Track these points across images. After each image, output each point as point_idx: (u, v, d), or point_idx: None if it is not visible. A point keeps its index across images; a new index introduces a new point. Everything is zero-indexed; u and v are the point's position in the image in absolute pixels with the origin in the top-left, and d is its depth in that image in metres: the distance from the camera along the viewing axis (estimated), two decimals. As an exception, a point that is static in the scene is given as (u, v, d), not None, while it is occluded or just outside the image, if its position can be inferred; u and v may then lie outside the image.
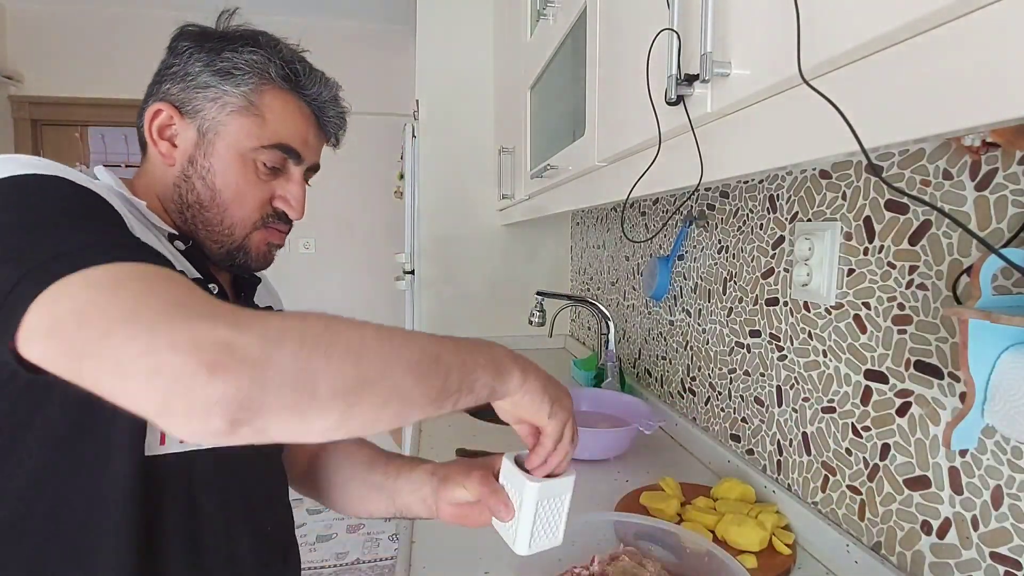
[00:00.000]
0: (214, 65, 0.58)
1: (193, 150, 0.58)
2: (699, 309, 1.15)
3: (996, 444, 0.55)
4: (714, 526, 0.80)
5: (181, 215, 0.60)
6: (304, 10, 2.86)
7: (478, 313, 2.19)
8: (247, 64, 0.58)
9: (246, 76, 0.58)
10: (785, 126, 0.42)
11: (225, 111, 0.58)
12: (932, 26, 0.29)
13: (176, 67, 0.59)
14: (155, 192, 0.60)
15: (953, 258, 0.59)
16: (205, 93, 0.58)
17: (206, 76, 0.58)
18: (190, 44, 0.59)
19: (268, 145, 0.59)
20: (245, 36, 0.60)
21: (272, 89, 0.59)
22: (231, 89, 0.58)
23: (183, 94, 0.58)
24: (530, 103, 1.39)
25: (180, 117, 0.58)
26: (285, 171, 0.62)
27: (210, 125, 0.58)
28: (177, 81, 0.58)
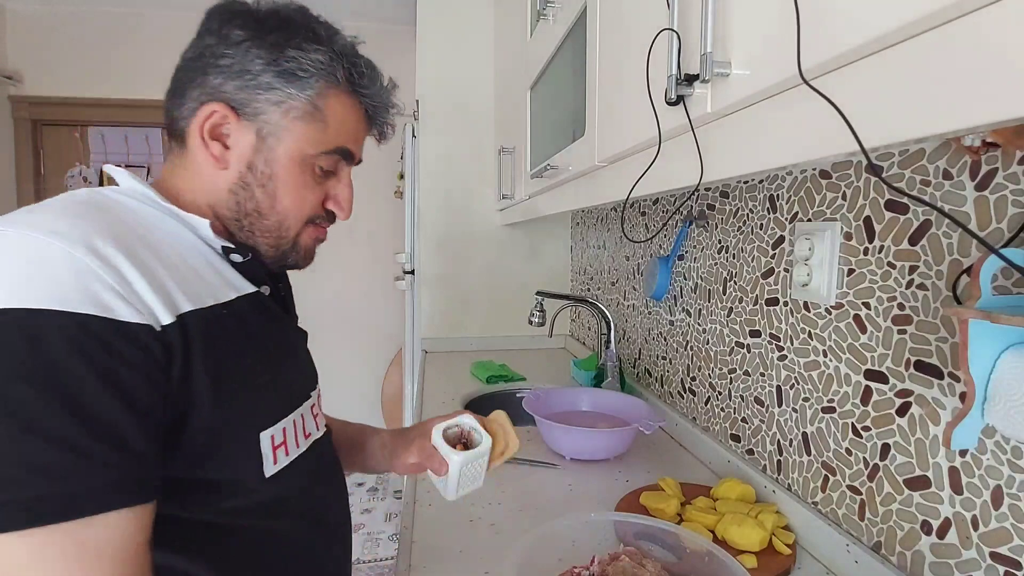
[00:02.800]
0: (278, 64, 0.52)
1: (252, 155, 0.54)
2: (699, 309, 1.15)
3: (996, 444, 0.55)
4: (714, 526, 0.80)
5: (237, 222, 0.57)
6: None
7: (478, 313, 2.19)
8: (313, 65, 0.53)
9: (312, 79, 0.54)
10: (785, 126, 0.42)
11: (289, 116, 0.54)
12: (932, 26, 0.29)
13: (230, 60, 0.52)
14: (205, 200, 0.56)
15: (953, 258, 0.59)
16: (268, 96, 0.53)
17: (269, 76, 0.52)
18: (246, 35, 0.52)
19: (329, 150, 0.57)
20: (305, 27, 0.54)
21: (336, 92, 0.56)
22: (297, 93, 0.53)
23: (240, 94, 0.53)
24: (530, 103, 1.39)
25: (236, 119, 0.54)
26: (337, 172, 0.60)
27: (271, 130, 0.54)
28: (232, 77, 0.53)
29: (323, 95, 0.55)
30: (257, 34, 0.52)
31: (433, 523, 0.87)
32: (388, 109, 0.62)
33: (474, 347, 2.18)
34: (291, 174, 0.55)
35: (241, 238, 0.58)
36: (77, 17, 2.80)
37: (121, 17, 2.82)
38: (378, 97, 0.60)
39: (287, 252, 0.60)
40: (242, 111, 0.53)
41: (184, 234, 0.52)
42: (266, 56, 0.52)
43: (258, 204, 0.56)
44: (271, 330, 0.58)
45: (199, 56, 0.54)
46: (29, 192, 2.84)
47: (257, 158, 0.55)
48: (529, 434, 1.24)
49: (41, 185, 2.90)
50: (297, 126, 0.54)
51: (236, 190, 0.55)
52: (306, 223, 0.59)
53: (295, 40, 0.53)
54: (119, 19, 2.82)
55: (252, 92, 0.53)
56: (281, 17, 0.54)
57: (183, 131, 0.56)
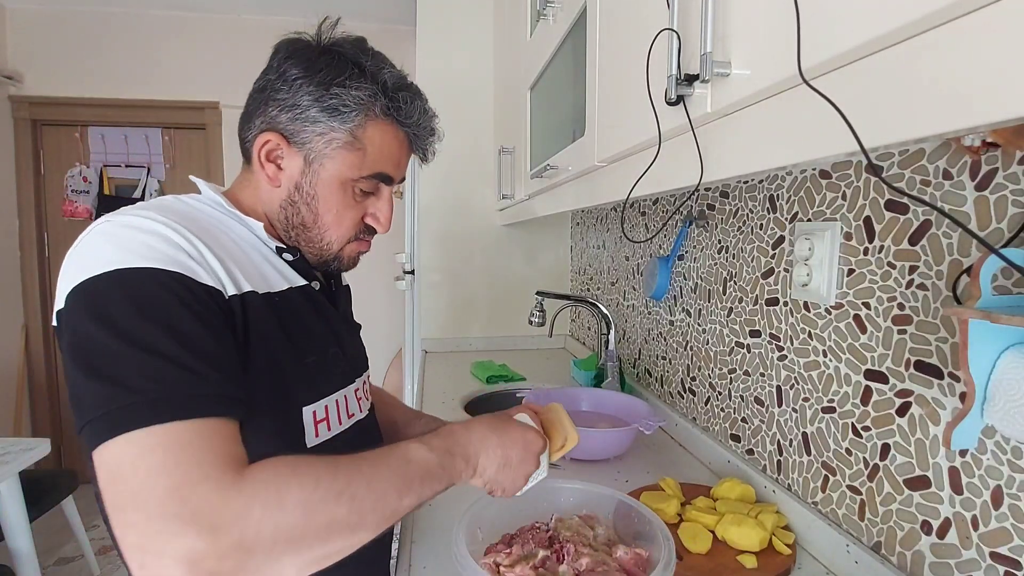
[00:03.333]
0: (323, 101, 0.60)
1: (299, 177, 0.63)
2: (699, 309, 1.15)
3: (996, 444, 0.55)
4: (714, 526, 0.80)
5: (287, 233, 0.66)
6: (304, 10, 2.86)
7: (478, 313, 2.19)
8: (354, 101, 0.61)
9: (352, 113, 0.61)
10: (785, 126, 0.42)
11: (331, 146, 0.62)
12: (932, 26, 0.29)
13: (284, 95, 0.61)
14: (262, 209, 0.66)
15: (953, 258, 0.59)
16: (313, 128, 0.61)
17: (315, 111, 0.60)
18: (299, 73, 0.61)
19: (368, 175, 0.64)
20: (352, 63, 0.62)
21: (375, 123, 0.63)
22: (338, 126, 0.61)
23: (292, 125, 0.61)
24: (530, 103, 1.39)
25: (288, 146, 0.62)
26: (377, 192, 0.68)
27: (316, 156, 0.62)
28: (285, 110, 0.61)
29: (362, 126, 0.62)
30: (308, 73, 0.61)
31: (433, 523, 0.87)
32: (429, 136, 0.68)
33: (474, 347, 2.18)
34: (332, 195, 0.64)
35: (290, 244, 0.67)
36: (77, 17, 2.80)
37: (121, 17, 2.82)
38: (417, 126, 0.66)
39: (329, 261, 0.68)
40: (292, 139, 0.62)
41: (246, 234, 0.63)
42: (314, 93, 0.60)
43: (303, 219, 0.65)
44: (318, 318, 0.67)
45: (263, 88, 0.63)
46: (29, 192, 2.85)
47: (304, 180, 0.63)
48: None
49: (41, 185, 2.90)
50: (338, 154, 0.62)
51: (286, 206, 0.65)
52: (350, 240, 0.68)
53: (340, 78, 0.60)
54: (119, 19, 2.82)
55: (301, 124, 0.61)
56: (333, 54, 0.62)
57: (248, 151, 0.66)
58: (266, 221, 0.66)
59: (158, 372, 0.45)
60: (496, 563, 0.66)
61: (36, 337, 2.90)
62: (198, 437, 0.44)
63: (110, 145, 2.94)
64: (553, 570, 0.66)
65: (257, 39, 2.90)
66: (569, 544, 0.68)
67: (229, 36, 2.89)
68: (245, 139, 0.65)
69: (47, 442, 1.83)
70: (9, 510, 1.70)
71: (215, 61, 2.88)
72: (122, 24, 2.83)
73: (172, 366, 0.45)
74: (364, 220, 0.68)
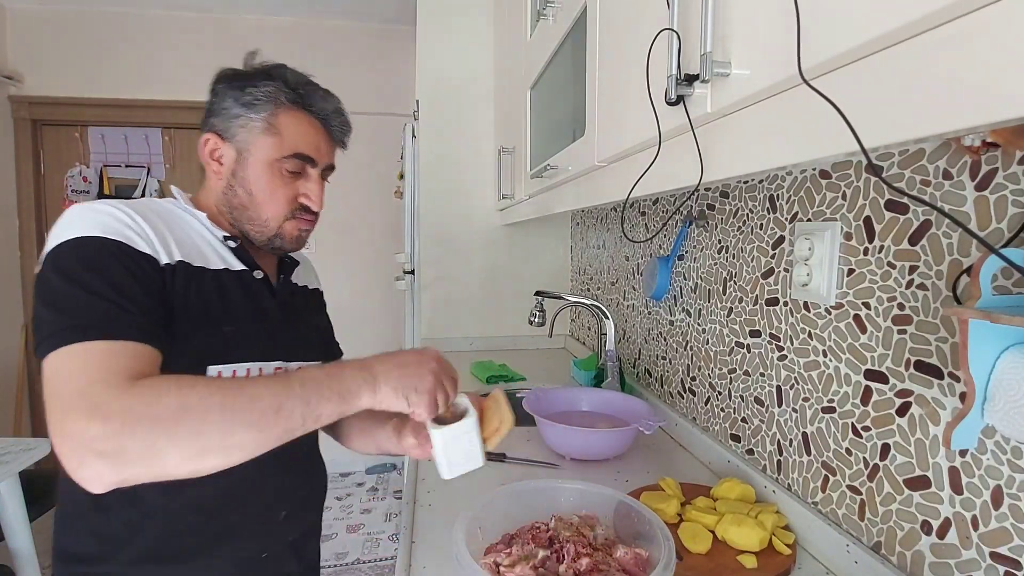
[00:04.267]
0: (240, 100, 0.74)
1: (235, 166, 0.76)
2: (699, 309, 1.15)
3: (996, 444, 0.55)
4: (714, 526, 0.80)
5: (231, 215, 0.77)
6: (304, 10, 2.86)
7: (478, 313, 2.19)
8: (263, 95, 0.74)
9: (263, 104, 0.74)
10: (785, 126, 0.42)
11: (253, 133, 0.74)
12: (932, 26, 0.29)
13: (215, 104, 0.76)
14: (212, 202, 0.78)
15: (953, 258, 0.59)
16: (237, 121, 0.74)
17: (236, 108, 0.74)
18: (224, 85, 0.76)
19: (288, 155, 0.75)
20: (262, 71, 0.76)
21: (285, 110, 0.75)
22: (254, 116, 0.74)
23: (222, 124, 0.75)
24: (530, 103, 1.39)
25: (223, 142, 0.76)
26: (305, 173, 0.78)
27: (243, 145, 0.75)
28: (217, 115, 0.75)
29: (275, 115, 0.74)
30: (230, 84, 0.75)
31: (433, 523, 0.87)
32: (335, 115, 0.79)
33: (474, 347, 2.18)
34: (262, 175, 0.75)
35: (235, 230, 0.78)
36: (77, 17, 2.80)
37: (121, 17, 2.82)
38: (320, 106, 0.77)
39: (272, 239, 0.78)
40: (224, 135, 0.76)
41: (199, 227, 0.76)
42: (234, 96, 0.74)
43: (241, 200, 0.76)
44: (247, 298, 0.76)
45: (206, 110, 0.78)
46: (29, 192, 2.85)
47: (238, 167, 0.76)
48: (529, 434, 1.24)
49: (41, 185, 2.90)
50: (260, 140, 0.74)
51: (227, 191, 0.77)
52: (287, 217, 0.77)
53: (252, 82, 0.74)
54: (119, 19, 2.82)
55: (228, 121, 0.75)
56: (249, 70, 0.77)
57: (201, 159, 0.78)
58: (213, 211, 0.77)
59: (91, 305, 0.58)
60: (496, 563, 0.66)
61: (36, 337, 2.90)
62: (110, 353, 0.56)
63: (110, 145, 2.94)
64: (553, 570, 0.66)
65: (257, 39, 2.90)
66: (569, 544, 0.68)
67: (229, 36, 2.89)
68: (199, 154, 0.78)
69: (47, 442, 1.83)
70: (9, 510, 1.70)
71: (215, 61, 2.85)
72: (122, 24, 2.83)
73: (103, 301, 0.59)
74: (298, 200, 0.77)
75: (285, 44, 2.92)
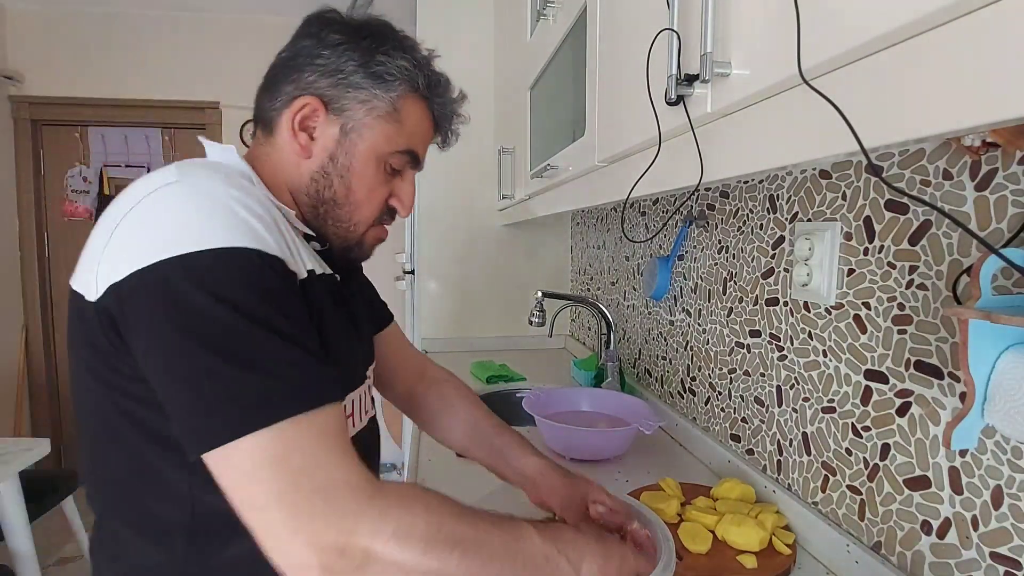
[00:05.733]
0: (368, 67, 0.58)
1: (335, 147, 0.59)
2: (699, 309, 1.15)
3: (996, 444, 0.55)
4: (714, 526, 0.80)
5: (313, 209, 0.61)
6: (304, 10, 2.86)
7: (478, 313, 2.19)
8: (399, 71, 0.59)
9: (396, 83, 0.59)
10: (785, 126, 0.42)
11: (372, 114, 0.59)
12: (931, 26, 0.29)
13: (325, 60, 0.58)
14: (284, 181, 0.60)
15: (953, 258, 0.59)
16: (356, 94, 0.58)
17: (359, 76, 0.58)
18: (342, 39, 0.58)
19: (400, 150, 0.62)
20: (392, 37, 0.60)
21: (413, 97, 0.61)
22: (382, 94, 0.59)
23: (332, 90, 0.58)
24: (530, 103, 1.39)
25: (325, 113, 0.58)
26: (403, 173, 0.65)
27: (355, 125, 0.59)
28: (326, 75, 0.58)
29: (403, 98, 0.60)
30: (352, 39, 0.58)
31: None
32: (454, 118, 0.68)
33: (474, 347, 2.18)
34: (367, 168, 0.60)
35: (315, 226, 0.62)
36: (77, 17, 2.80)
37: (121, 17, 2.82)
38: (448, 106, 0.65)
39: (352, 247, 0.65)
40: (331, 106, 0.58)
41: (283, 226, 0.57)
42: (358, 58, 0.58)
43: (335, 193, 0.60)
44: (345, 309, 0.65)
45: (295, 56, 0.59)
46: (29, 192, 2.85)
47: (339, 150, 0.59)
48: (529, 434, 1.24)
49: (41, 185, 2.90)
50: (377, 124, 0.59)
51: (317, 178, 0.60)
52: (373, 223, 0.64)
53: (385, 47, 0.58)
54: (119, 19, 2.82)
55: (342, 89, 0.58)
56: (372, 27, 0.60)
57: (272, 120, 0.60)
58: (289, 198, 0.61)
59: (295, 357, 0.44)
60: None
61: (36, 337, 2.90)
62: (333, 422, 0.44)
63: (110, 145, 2.94)
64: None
65: (257, 39, 2.90)
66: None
67: (229, 36, 2.89)
68: (270, 108, 0.60)
69: (47, 442, 1.83)
70: (9, 510, 1.70)
71: (215, 61, 2.88)
72: (122, 24, 2.83)
73: (302, 351, 0.45)
74: (388, 201, 0.65)
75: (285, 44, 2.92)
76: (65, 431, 3.02)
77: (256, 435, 0.41)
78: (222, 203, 0.47)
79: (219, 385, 0.41)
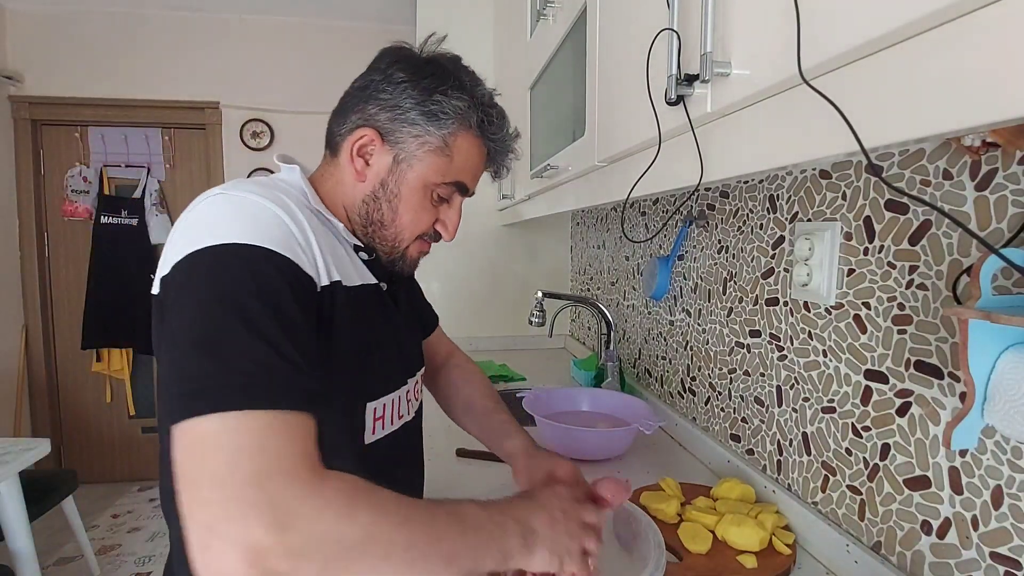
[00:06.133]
0: (424, 106, 0.63)
1: (386, 175, 0.65)
2: (699, 309, 1.15)
3: (996, 444, 0.55)
4: (714, 526, 0.80)
5: (363, 228, 0.67)
6: (304, 10, 2.86)
7: (478, 313, 2.19)
8: (453, 110, 0.64)
9: (449, 121, 0.64)
10: (785, 126, 0.42)
11: (423, 148, 0.64)
12: (932, 26, 0.29)
13: (387, 95, 0.64)
14: (341, 200, 0.67)
15: (953, 258, 0.59)
16: (410, 129, 0.64)
17: (415, 114, 0.63)
18: (405, 77, 0.63)
19: (448, 182, 0.67)
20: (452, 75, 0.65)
21: (466, 134, 0.66)
22: (434, 130, 0.64)
23: (390, 124, 0.64)
24: (530, 103, 1.39)
25: (381, 143, 0.64)
26: (450, 200, 0.70)
27: (406, 157, 0.64)
28: (386, 110, 0.64)
29: (454, 135, 0.65)
30: (414, 77, 0.63)
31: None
32: (507, 154, 0.73)
33: (474, 347, 2.18)
34: (414, 196, 0.66)
35: (363, 242, 0.68)
36: (77, 17, 2.80)
37: (121, 17, 2.82)
38: (502, 143, 0.70)
39: (396, 260, 0.70)
40: (387, 138, 0.64)
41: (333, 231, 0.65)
42: (417, 97, 0.63)
43: (383, 216, 0.66)
44: (385, 317, 0.69)
45: (365, 87, 0.66)
46: (29, 192, 2.84)
47: (390, 178, 0.65)
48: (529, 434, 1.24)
49: (41, 185, 2.90)
50: (428, 157, 0.64)
51: (368, 201, 0.66)
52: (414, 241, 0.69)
53: (443, 87, 0.63)
54: (119, 19, 2.82)
55: (399, 124, 0.64)
56: (437, 65, 0.65)
57: (338, 144, 0.67)
58: (343, 214, 0.67)
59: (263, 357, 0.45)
60: None
61: (36, 337, 2.90)
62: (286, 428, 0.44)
63: (110, 145, 2.94)
64: None
65: (257, 39, 2.90)
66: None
67: (229, 36, 2.89)
68: (337, 132, 0.67)
69: (47, 442, 1.83)
70: (9, 510, 1.70)
71: (215, 61, 2.88)
72: (122, 24, 2.83)
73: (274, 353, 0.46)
74: (434, 226, 0.70)
75: (285, 44, 2.92)
76: (65, 431, 3.02)
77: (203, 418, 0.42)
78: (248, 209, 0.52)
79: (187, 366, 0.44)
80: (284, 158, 0.68)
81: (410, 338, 0.78)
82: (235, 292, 0.46)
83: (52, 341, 2.98)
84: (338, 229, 0.65)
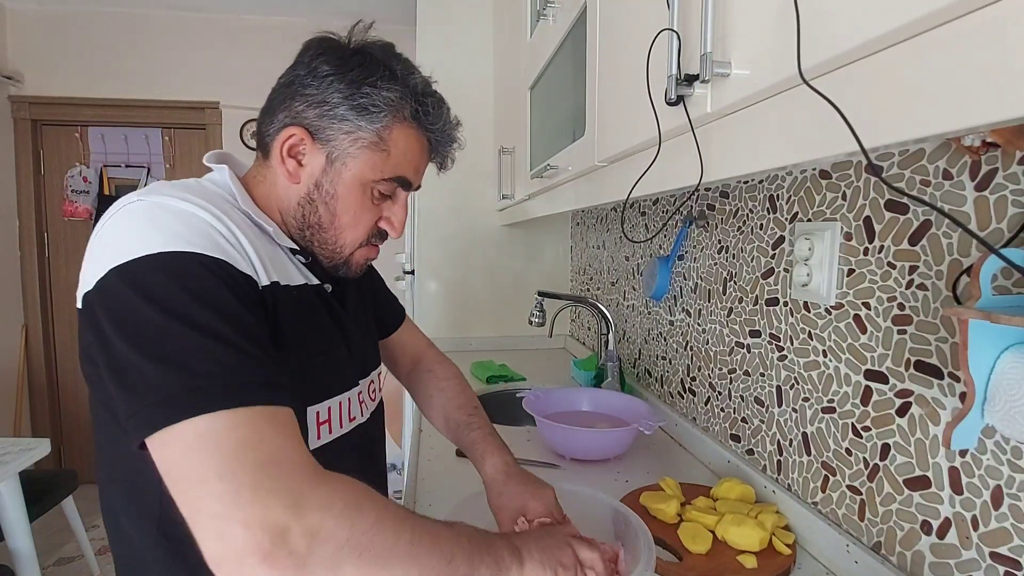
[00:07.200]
0: (353, 100, 0.59)
1: (320, 175, 0.62)
2: (699, 309, 1.15)
3: (996, 444, 0.55)
4: (714, 526, 0.80)
5: (300, 232, 0.64)
6: (304, 10, 2.86)
7: (478, 313, 2.19)
8: (384, 102, 0.60)
9: (381, 114, 0.60)
10: (785, 126, 0.42)
11: (356, 145, 0.61)
12: (932, 26, 0.29)
13: (313, 90, 0.60)
14: (276, 204, 0.64)
15: (953, 258, 0.59)
16: (340, 125, 0.60)
17: (344, 109, 0.59)
18: (331, 70, 0.59)
19: (388, 177, 0.63)
20: (383, 65, 0.61)
21: (401, 126, 0.62)
22: (366, 125, 0.60)
23: (319, 121, 0.60)
24: (530, 103, 1.39)
25: (312, 142, 0.61)
26: (394, 196, 0.67)
27: (339, 155, 0.61)
28: (313, 106, 0.60)
29: (389, 128, 0.61)
30: (340, 70, 0.59)
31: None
32: (450, 143, 0.69)
33: (474, 347, 2.18)
34: (352, 195, 0.62)
35: (302, 245, 0.65)
36: (77, 17, 2.80)
37: (121, 17, 2.82)
38: (441, 132, 0.67)
39: (339, 265, 0.67)
40: (317, 136, 0.60)
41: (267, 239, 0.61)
42: (344, 91, 0.59)
43: (320, 219, 0.63)
44: (330, 318, 0.67)
45: (290, 83, 0.62)
46: (29, 192, 2.85)
47: (324, 178, 0.62)
48: (529, 434, 1.24)
49: (41, 185, 2.90)
50: (362, 154, 0.61)
51: (304, 204, 0.63)
52: (362, 244, 0.66)
53: (372, 78, 0.59)
54: (119, 19, 2.82)
55: (328, 121, 0.60)
56: (364, 55, 0.61)
57: (268, 145, 0.63)
58: (278, 217, 0.64)
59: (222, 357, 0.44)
60: None
61: (36, 337, 2.90)
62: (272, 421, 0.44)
63: (110, 145, 2.94)
64: None
65: (257, 39, 2.90)
66: None
67: (229, 36, 2.89)
68: (265, 133, 0.64)
69: (47, 442, 1.83)
70: (9, 510, 1.70)
71: (215, 61, 2.88)
72: (122, 24, 2.83)
73: (233, 351, 0.45)
74: (378, 224, 0.67)
75: (285, 44, 2.91)
76: (65, 431, 3.02)
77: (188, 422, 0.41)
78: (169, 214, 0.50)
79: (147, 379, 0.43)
80: (214, 157, 0.64)
81: (362, 338, 0.74)
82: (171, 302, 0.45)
83: (52, 341, 2.98)
84: (269, 232, 0.61)
